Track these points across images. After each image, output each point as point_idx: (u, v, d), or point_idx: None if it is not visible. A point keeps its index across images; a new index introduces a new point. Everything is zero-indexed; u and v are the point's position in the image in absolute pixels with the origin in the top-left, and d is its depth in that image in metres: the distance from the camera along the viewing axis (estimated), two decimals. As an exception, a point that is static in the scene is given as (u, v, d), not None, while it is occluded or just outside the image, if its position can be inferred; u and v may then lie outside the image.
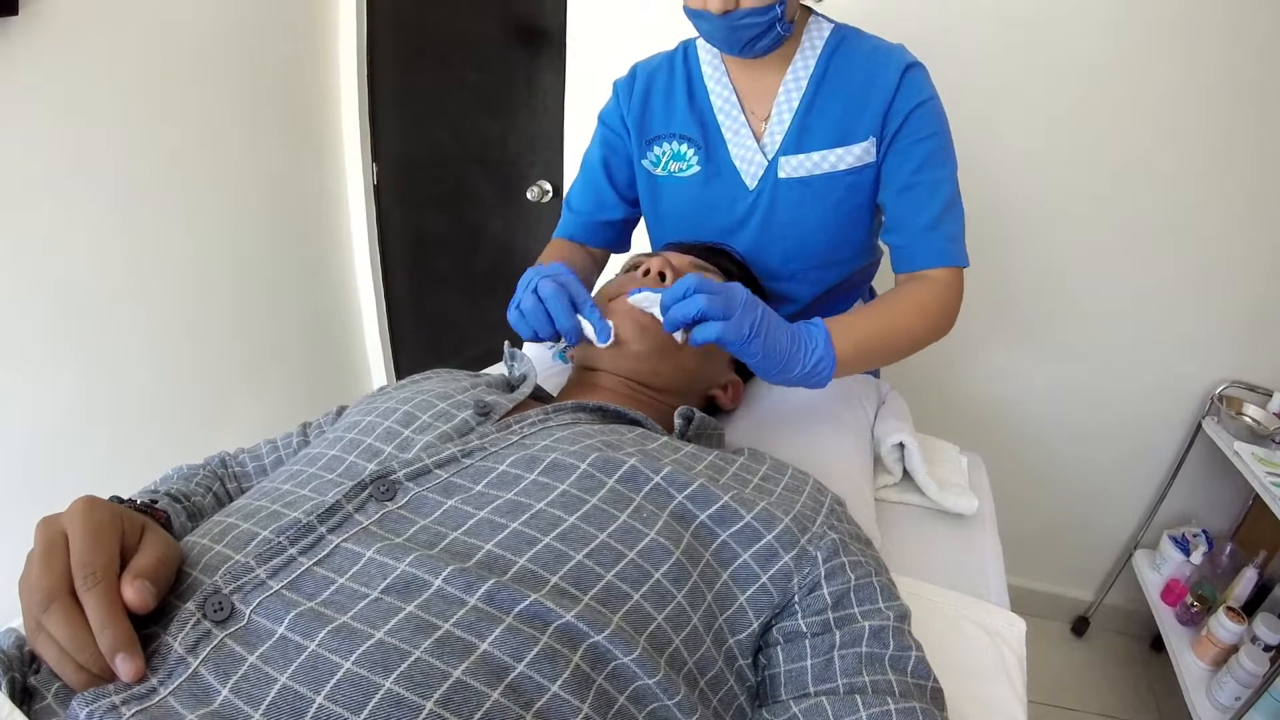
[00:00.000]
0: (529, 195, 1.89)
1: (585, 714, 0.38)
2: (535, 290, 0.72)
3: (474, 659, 0.38)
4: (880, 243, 0.98)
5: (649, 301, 0.71)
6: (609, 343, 0.71)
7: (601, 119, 1.03)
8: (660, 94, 0.95)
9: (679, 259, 0.84)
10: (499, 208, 2.02)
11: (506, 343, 0.84)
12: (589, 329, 0.71)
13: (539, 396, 0.76)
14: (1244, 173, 1.37)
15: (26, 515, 0.47)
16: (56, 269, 1.40)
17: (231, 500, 0.71)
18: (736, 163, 0.92)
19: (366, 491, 0.49)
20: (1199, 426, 1.55)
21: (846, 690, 0.47)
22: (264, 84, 1.78)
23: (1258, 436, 1.39)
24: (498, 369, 1.03)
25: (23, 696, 0.41)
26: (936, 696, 0.49)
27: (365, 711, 0.35)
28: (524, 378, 0.75)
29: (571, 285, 0.72)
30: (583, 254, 1.05)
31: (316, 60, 1.92)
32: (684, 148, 0.93)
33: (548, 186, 1.89)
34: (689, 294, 0.64)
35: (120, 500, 0.50)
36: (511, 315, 0.75)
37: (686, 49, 0.96)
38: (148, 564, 0.40)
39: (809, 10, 0.91)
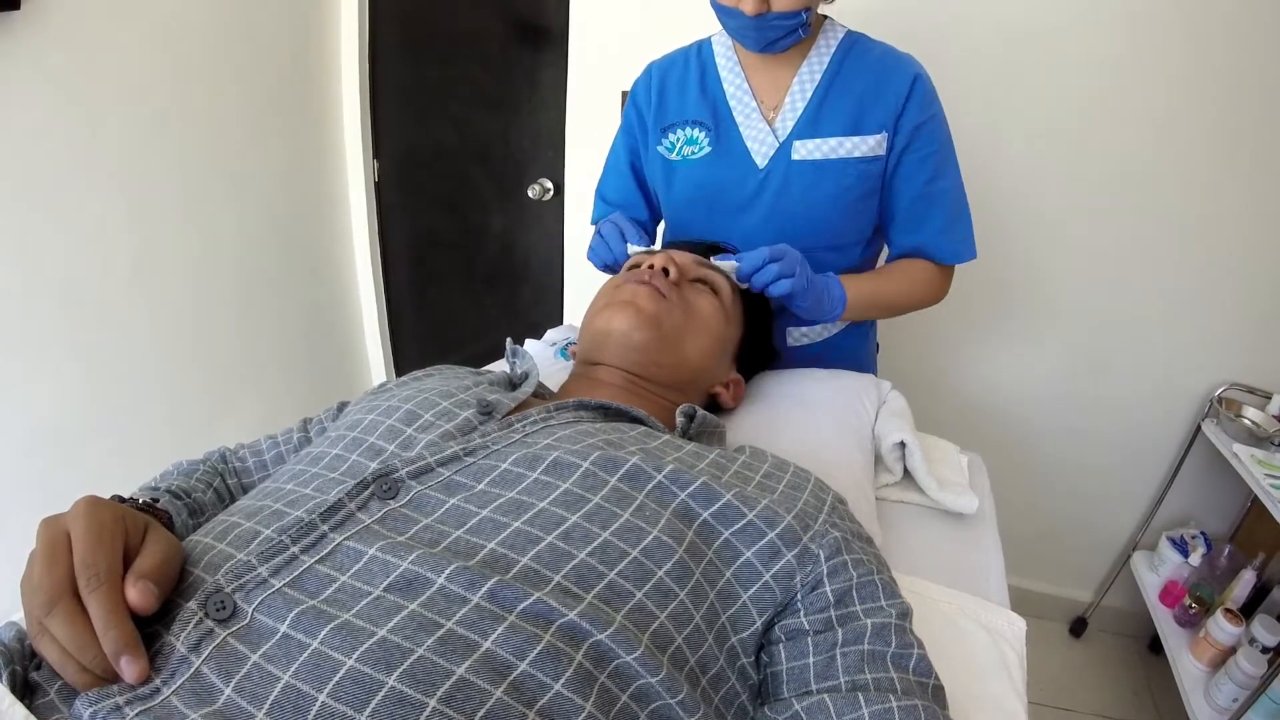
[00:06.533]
0: (530, 193, 1.89)
1: (588, 712, 0.38)
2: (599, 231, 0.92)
3: (477, 657, 0.38)
4: (889, 238, 1.02)
5: (728, 268, 0.84)
6: (650, 245, 0.89)
7: (624, 125, 1.09)
8: (675, 85, 1.02)
9: (682, 257, 0.84)
10: (500, 205, 2.02)
11: (509, 340, 0.84)
12: (632, 248, 0.89)
13: (540, 394, 0.76)
14: (1245, 176, 1.37)
15: (28, 515, 0.46)
16: (58, 265, 1.40)
17: (232, 495, 0.72)
18: (747, 143, 0.97)
19: (369, 490, 0.49)
20: (1198, 428, 1.55)
21: (849, 688, 0.47)
22: (266, 81, 1.78)
23: (1257, 439, 1.39)
24: (499, 366, 1.04)
25: (23, 691, 0.40)
26: (938, 694, 0.49)
27: (368, 709, 0.35)
28: (526, 376, 0.75)
29: (621, 223, 0.91)
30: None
31: (318, 56, 1.92)
32: (696, 132, 0.99)
33: (549, 185, 1.88)
34: (765, 264, 0.81)
35: (122, 500, 0.50)
36: (592, 243, 0.94)
37: (701, 46, 1.03)
38: (151, 565, 0.40)
39: (823, 15, 0.97)
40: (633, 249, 0.88)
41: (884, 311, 1.00)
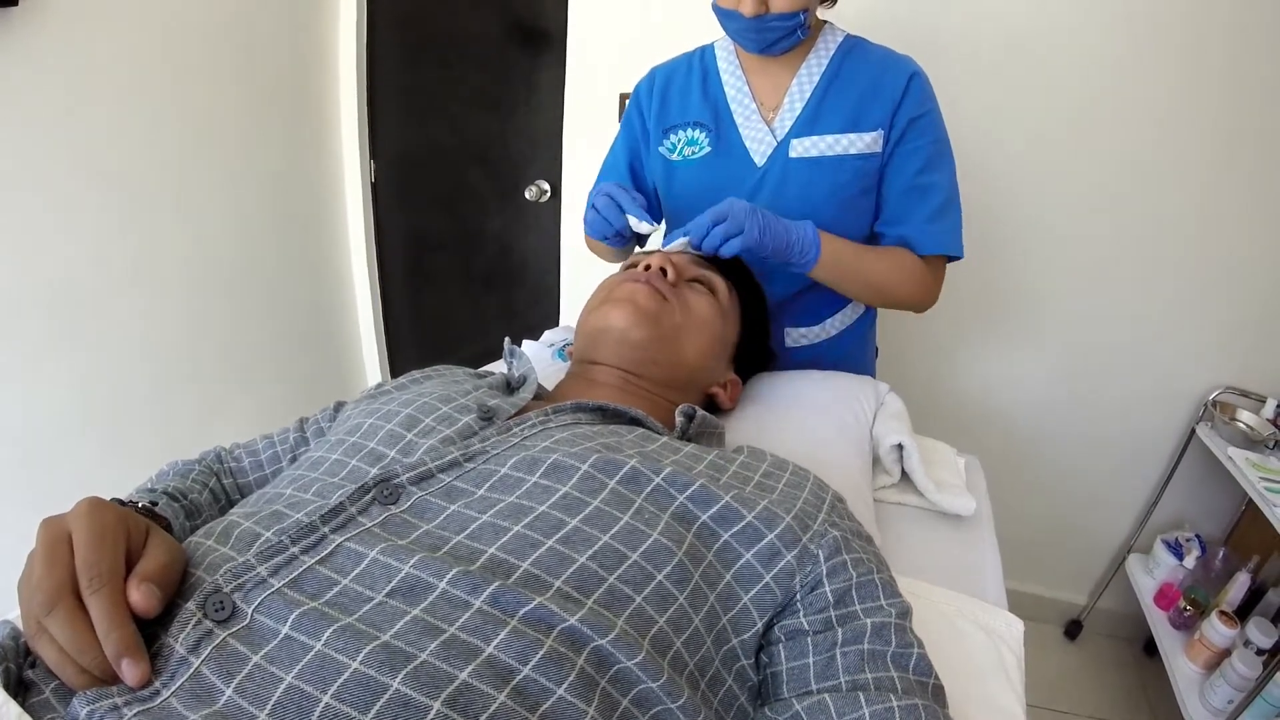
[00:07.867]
0: (527, 195, 1.89)
1: (591, 717, 0.38)
2: (606, 194, 0.90)
3: (480, 661, 0.38)
4: (878, 232, 1.02)
5: (680, 245, 0.85)
6: (655, 227, 0.89)
7: (625, 124, 1.11)
8: (678, 89, 1.04)
9: (679, 256, 0.85)
10: (497, 207, 2.02)
11: (507, 340, 0.84)
12: (634, 221, 0.88)
13: (540, 396, 0.76)
14: (1243, 179, 1.38)
15: (22, 514, 0.46)
16: (53, 264, 1.39)
17: (227, 496, 0.71)
18: (746, 142, 0.99)
19: (370, 494, 0.49)
20: (1193, 432, 1.56)
21: (849, 687, 0.47)
22: (263, 80, 1.78)
23: (1251, 442, 1.40)
24: (498, 367, 1.03)
25: (18, 688, 0.40)
26: (938, 694, 0.49)
27: (373, 711, 0.35)
28: (524, 380, 0.75)
29: (619, 195, 0.89)
30: None
31: (316, 57, 1.92)
32: (697, 133, 1.01)
33: (546, 186, 1.89)
34: (710, 230, 0.81)
35: (122, 503, 0.50)
36: (587, 216, 0.92)
37: (704, 51, 1.05)
38: (154, 567, 0.40)
39: (822, 20, 0.99)
40: (634, 221, 0.88)
41: (863, 283, 0.95)
